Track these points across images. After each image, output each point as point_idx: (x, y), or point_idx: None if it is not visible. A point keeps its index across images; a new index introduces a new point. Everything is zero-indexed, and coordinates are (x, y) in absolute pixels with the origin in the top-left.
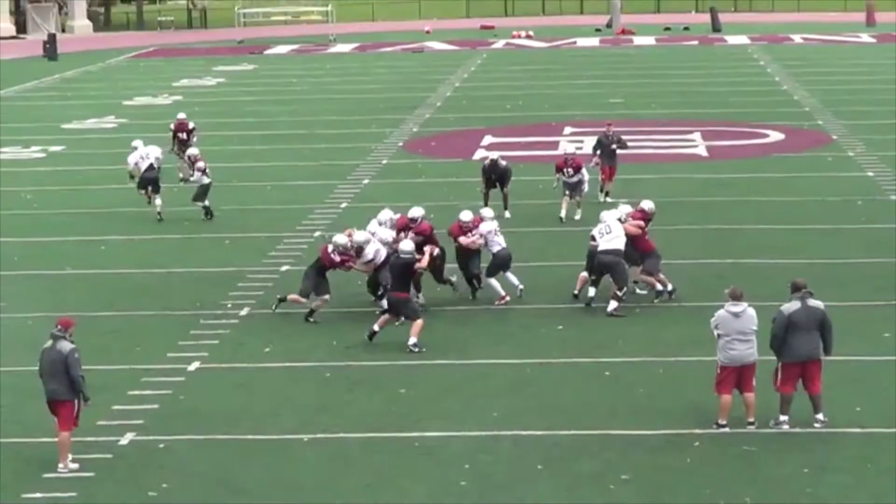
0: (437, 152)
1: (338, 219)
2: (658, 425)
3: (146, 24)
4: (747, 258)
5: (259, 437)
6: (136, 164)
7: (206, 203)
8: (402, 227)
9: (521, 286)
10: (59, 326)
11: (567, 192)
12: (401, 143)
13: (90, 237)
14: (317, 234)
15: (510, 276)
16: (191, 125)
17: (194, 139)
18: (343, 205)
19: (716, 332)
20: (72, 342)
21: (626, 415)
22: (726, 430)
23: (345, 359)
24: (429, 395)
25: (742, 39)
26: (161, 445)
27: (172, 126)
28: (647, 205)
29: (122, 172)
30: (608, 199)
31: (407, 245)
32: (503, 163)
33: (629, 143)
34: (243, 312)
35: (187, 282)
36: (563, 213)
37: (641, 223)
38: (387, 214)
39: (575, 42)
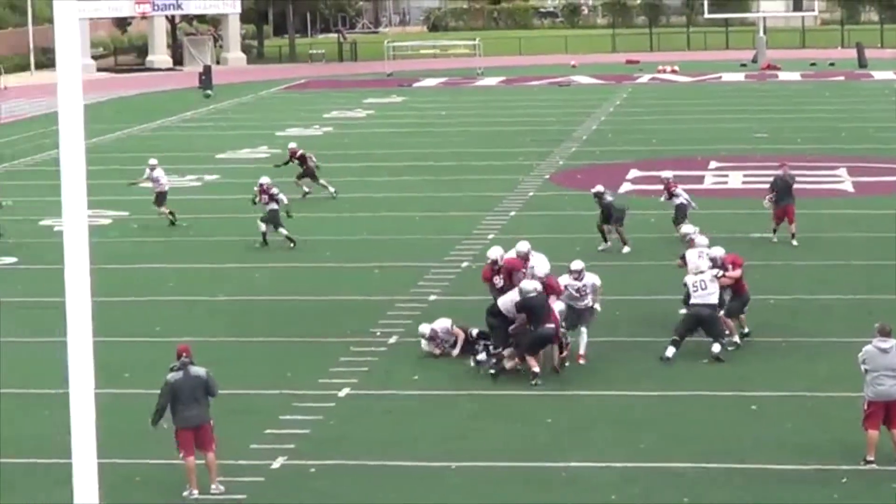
0: (584, 185)
1: (485, 250)
2: (805, 460)
3: (298, 57)
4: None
5: (407, 464)
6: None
7: (268, 229)
8: (490, 276)
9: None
10: (184, 354)
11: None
12: (547, 176)
13: (244, 264)
14: (464, 264)
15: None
16: (299, 152)
17: (312, 164)
18: (490, 236)
19: (863, 368)
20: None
21: (772, 449)
22: (874, 466)
23: (492, 388)
24: (575, 426)
25: (889, 75)
26: (312, 470)
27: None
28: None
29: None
30: (793, 242)
31: (529, 284)
32: (609, 198)
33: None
34: (392, 340)
35: (338, 309)
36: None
37: (738, 273)
38: (524, 246)
39: (720, 77)
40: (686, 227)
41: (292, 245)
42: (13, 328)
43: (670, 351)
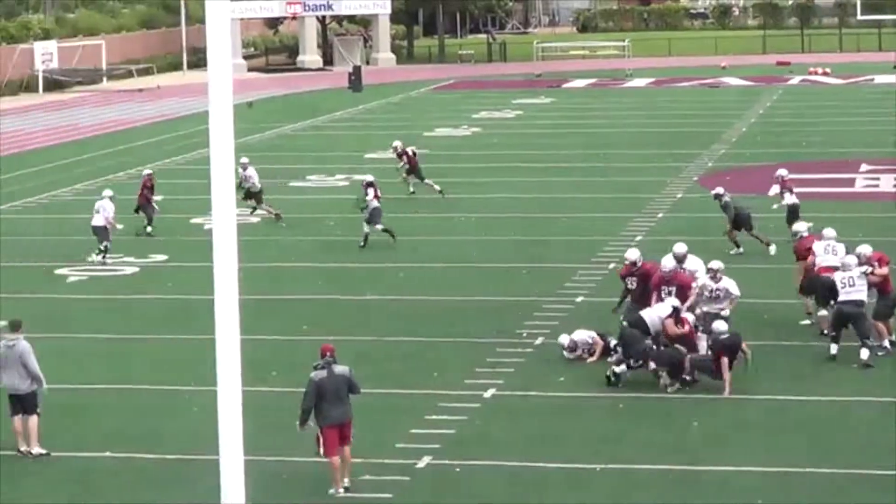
0: (732, 187)
1: None
2: None
3: (447, 58)
4: None
5: (552, 465)
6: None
7: (378, 227)
8: (627, 274)
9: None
10: (328, 353)
11: None
12: (696, 178)
13: (391, 263)
14: (611, 266)
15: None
16: (402, 148)
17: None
18: (637, 238)
19: None
20: None
21: None
22: None
23: (638, 390)
24: (721, 429)
25: None
26: (457, 470)
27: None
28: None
29: (422, 202)
30: None
31: (722, 325)
32: (727, 199)
33: None
34: (538, 341)
35: (484, 309)
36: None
37: (885, 271)
38: (682, 248)
39: (873, 79)
40: (798, 225)
41: (393, 240)
42: (162, 324)
43: (833, 348)
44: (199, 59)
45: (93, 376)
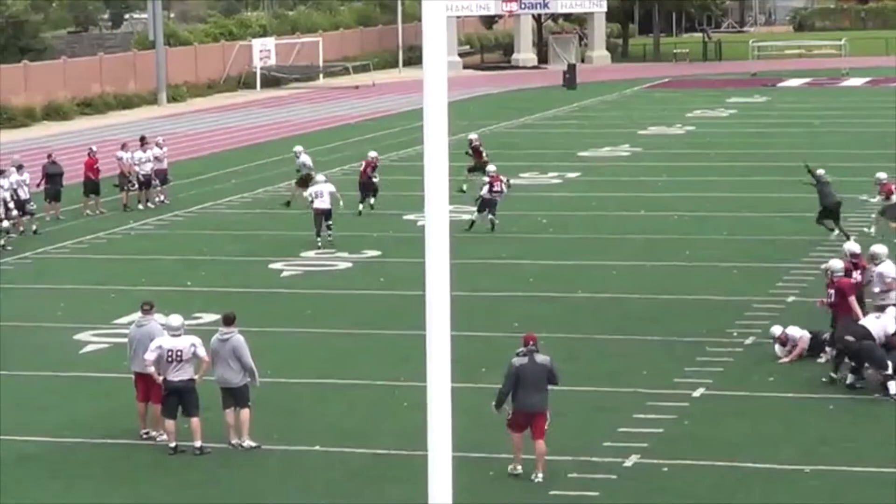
0: None
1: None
2: None
3: (662, 56)
4: None
5: (760, 466)
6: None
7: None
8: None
9: None
10: (531, 342)
11: None
12: None
13: (602, 262)
14: (823, 265)
15: None
16: (475, 143)
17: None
18: (852, 237)
19: None
20: None
21: None
22: None
23: (849, 392)
24: None
25: None
26: (664, 469)
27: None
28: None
29: (635, 200)
30: None
31: None
32: (824, 181)
33: None
34: (748, 341)
35: (694, 308)
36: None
37: None
38: (882, 249)
39: None
40: None
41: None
42: (374, 320)
43: None
44: (414, 57)
45: (305, 370)
